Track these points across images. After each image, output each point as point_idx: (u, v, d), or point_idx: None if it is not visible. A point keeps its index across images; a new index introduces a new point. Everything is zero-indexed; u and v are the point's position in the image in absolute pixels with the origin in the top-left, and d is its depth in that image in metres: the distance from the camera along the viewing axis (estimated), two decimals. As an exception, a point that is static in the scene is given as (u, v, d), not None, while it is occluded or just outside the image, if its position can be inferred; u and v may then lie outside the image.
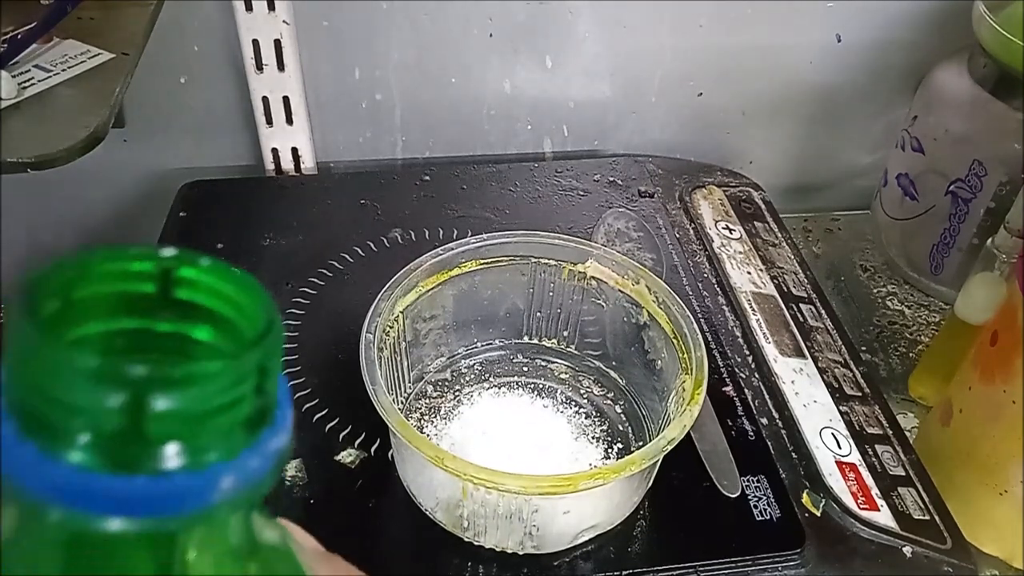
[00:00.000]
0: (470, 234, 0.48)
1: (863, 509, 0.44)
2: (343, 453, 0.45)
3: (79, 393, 0.11)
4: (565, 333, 0.51)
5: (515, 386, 0.50)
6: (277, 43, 0.61)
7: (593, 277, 0.48)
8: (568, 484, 0.37)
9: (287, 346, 0.51)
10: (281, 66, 0.62)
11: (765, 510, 0.43)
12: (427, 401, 0.48)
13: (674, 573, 0.41)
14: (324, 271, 0.55)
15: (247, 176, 0.69)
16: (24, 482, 0.12)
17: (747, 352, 0.53)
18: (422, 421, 0.47)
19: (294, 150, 0.66)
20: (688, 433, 0.39)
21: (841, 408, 0.50)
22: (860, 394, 0.51)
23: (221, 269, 0.14)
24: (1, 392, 0.12)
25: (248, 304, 0.14)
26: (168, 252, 0.14)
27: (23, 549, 0.13)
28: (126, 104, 0.58)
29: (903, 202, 0.66)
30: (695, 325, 0.43)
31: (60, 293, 0.12)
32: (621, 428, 0.48)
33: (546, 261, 0.48)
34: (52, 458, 0.11)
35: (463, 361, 0.51)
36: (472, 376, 0.50)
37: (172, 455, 0.12)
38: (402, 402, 0.47)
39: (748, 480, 0.44)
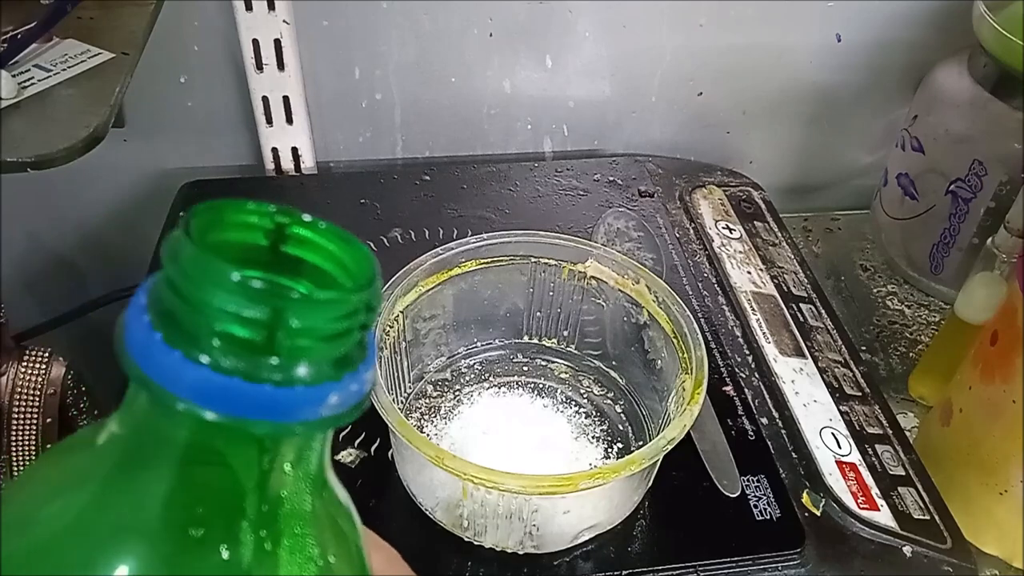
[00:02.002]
0: (470, 234, 0.48)
1: (863, 509, 0.44)
2: (343, 452, 0.45)
3: (231, 304, 0.13)
4: (565, 333, 0.51)
5: (515, 386, 0.50)
6: (277, 43, 0.61)
7: (593, 277, 0.48)
8: (568, 484, 0.37)
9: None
10: (281, 66, 0.62)
11: (765, 510, 0.43)
12: (427, 401, 0.48)
13: (674, 573, 0.41)
14: (324, 271, 0.55)
15: (247, 176, 0.69)
16: (168, 384, 0.13)
17: (747, 352, 0.53)
18: (422, 421, 0.47)
19: (294, 150, 0.66)
20: (688, 433, 0.39)
21: (841, 408, 0.50)
22: (860, 394, 0.51)
23: (331, 230, 0.15)
24: (146, 308, 0.13)
25: (352, 261, 0.15)
26: (283, 210, 0.15)
27: (138, 447, 0.14)
28: (126, 104, 0.58)
29: (903, 202, 0.66)
30: (695, 325, 0.43)
31: (199, 234, 0.14)
32: (621, 428, 0.48)
33: (546, 261, 0.48)
34: (195, 364, 0.13)
35: (463, 361, 0.50)
36: (472, 376, 0.50)
37: (294, 369, 0.13)
38: (402, 402, 0.47)
39: (748, 480, 0.44)
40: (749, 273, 0.58)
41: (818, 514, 0.44)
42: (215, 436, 0.14)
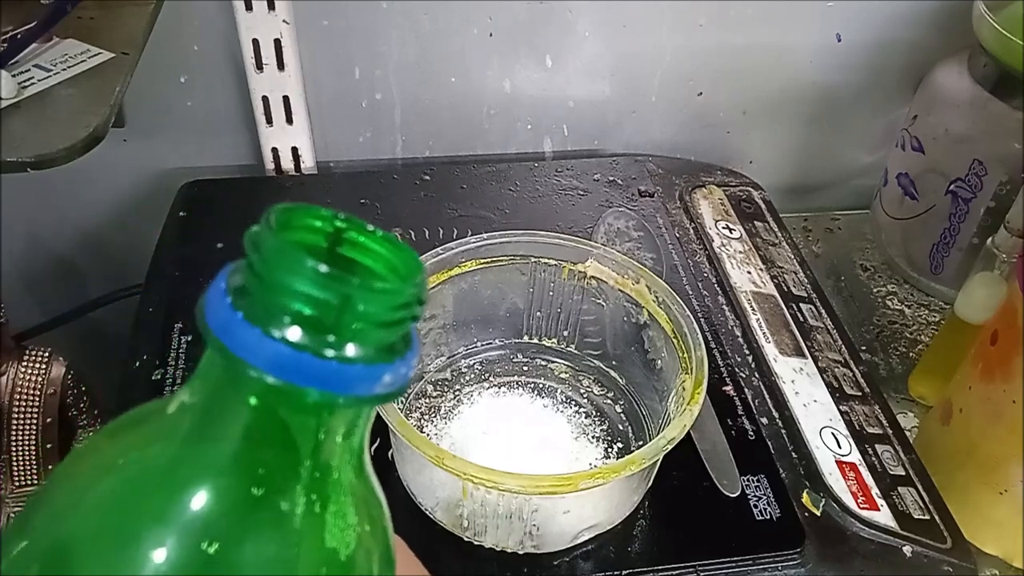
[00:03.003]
0: (470, 234, 0.48)
1: (863, 509, 0.44)
2: (343, 453, 0.45)
3: (306, 288, 0.15)
4: (565, 333, 0.51)
5: (515, 385, 0.50)
6: (277, 43, 0.61)
7: (593, 277, 0.48)
8: (568, 484, 0.37)
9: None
10: (281, 66, 0.62)
11: (765, 510, 0.43)
12: (427, 401, 0.48)
13: (674, 573, 0.41)
14: (324, 271, 0.55)
15: (247, 176, 0.69)
16: (247, 357, 0.15)
17: (747, 352, 0.53)
18: (422, 421, 0.47)
19: (294, 150, 0.66)
20: (688, 433, 0.39)
21: (841, 408, 0.50)
22: (860, 394, 0.51)
23: (385, 239, 0.17)
24: (226, 291, 0.15)
25: (402, 264, 0.17)
26: (345, 217, 0.17)
27: (209, 414, 0.16)
28: (126, 104, 0.58)
29: (903, 202, 0.66)
30: (695, 324, 0.43)
31: (274, 230, 0.16)
32: (621, 428, 0.48)
33: (546, 261, 0.48)
34: (271, 339, 0.15)
35: (463, 361, 0.51)
36: (472, 376, 0.50)
37: (355, 349, 0.16)
38: (402, 402, 0.47)
39: (748, 480, 0.44)
40: (749, 273, 0.58)
41: (818, 514, 0.44)
42: (282, 404, 0.16)
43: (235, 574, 0.15)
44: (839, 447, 0.47)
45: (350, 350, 0.15)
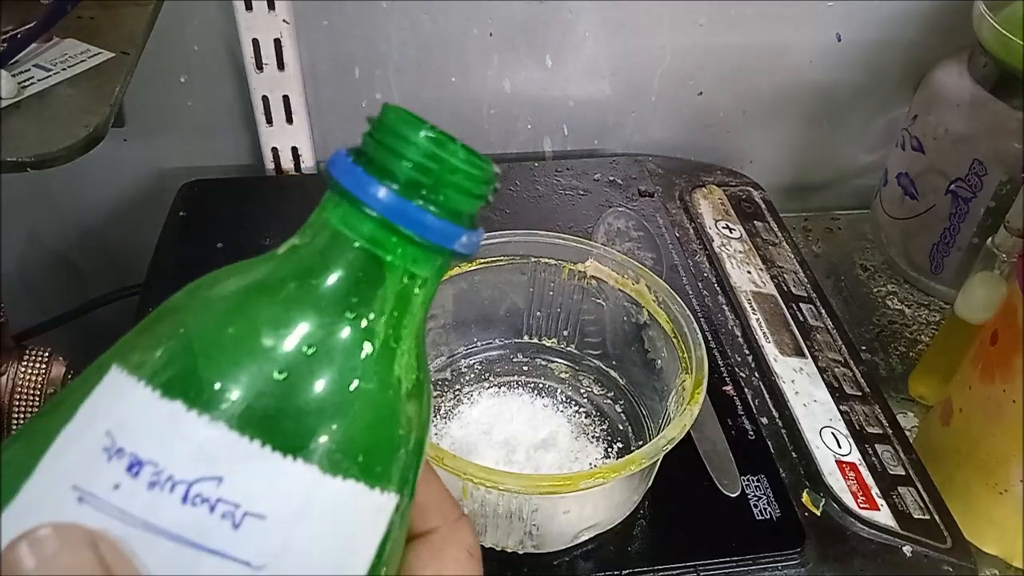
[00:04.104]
0: (470, 233, 0.48)
1: (863, 508, 0.44)
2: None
3: (417, 151, 0.19)
4: (565, 332, 0.51)
5: (515, 385, 0.50)
6: (277, 42, 0.61)
7: (593, 276, 0.48)
8: (568, 483, 0.37)
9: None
10: (281, 65, 0.62)
11: (765, 509, 0.43)
12: (427, 400, 0.48)
13: (674, 572, 0.41)
14: (324, 271, 0.55)
15: (247, 175, 0.69)
16: (362, 197, 0.19)
17: (747, 351, 0.53)
18: (422, 420, 0.47)
19: (294, 149, 0.66)
20: (688, 432, 0.39)
21: (841, 407, 0.50)
22: (860, 393, 0.51)
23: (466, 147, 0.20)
24: (348, 154, 0.19)
25: (482, 159, 0.20)
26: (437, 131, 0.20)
27: (318, 251, 0.19)
28: (126, 103, 0.58)
29: (903, 201, 0.66)
30: (695, 324, 0.43)
31: (392, 108, 0.20)
32: (621, 427, 0.48)
33: (546, 260, 0.48)
34: (386, 187, 0.19)
35: (463, 360, 0.51)
36: (472, 375, 0.50)
37: (447, 208, 0.19)
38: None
39: (748, 479, 0.44)
40: (749, 273, 0.58)
41: (818, 514, 0.44)
42: (380, 244, 0.19)
43: (325, 370, 0.18)
44: (839, 447, 0.47)
45: (443, 207, 0.19)
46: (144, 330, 0.19)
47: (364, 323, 0.19)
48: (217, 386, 0.18)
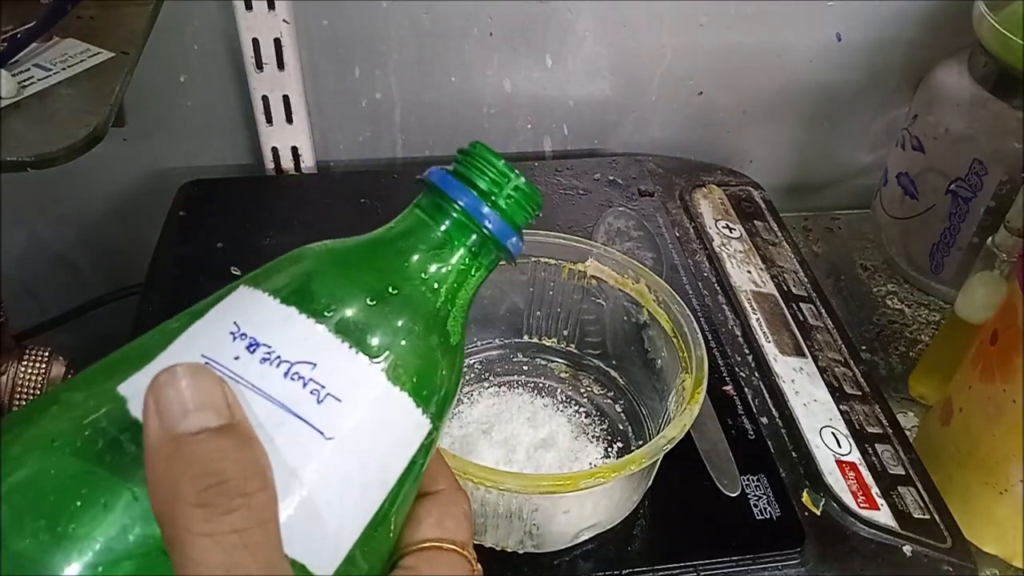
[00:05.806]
0: (470, 233, 0.48)
1: (863, 508, 0.44)
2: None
3: (494, 174, 0.26)
4: (565, 332, 0.51)
5: (515, 385, 0.50)
6: (277, 42, 0.61)
7: (593, 276, 0.48)
8: (568, 483, 0.37)
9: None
10: (281, 65, 0.62)
11: (765, 509, 0.43)
12: (427, 400, 0.48)
13: (674, 572, 0.41)
14: (324, 270, 0.55)
15: (247, 175, 0.69)
16: (451, 193, 0.25)
17: (747, 351, 0.53)
18: (422, 420, 0.47)
19: (294, 149, 0.66)
20: (688, 432, 0.39)
21: (841, 407, 0.50)
22: (860, 393, 0.51)
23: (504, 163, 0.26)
24: (445, 171, 0.26)
25: (531, 189, 0.27)
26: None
27: (408, 236, 0.26)
28: (126, 103, 0.58)
29: (903, 201, 0.66)
30: (695, 324, 0.43)
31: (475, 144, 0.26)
32: (621, 427, 0.48)
33: (546, 260, 0.48)
34: (470, 193, 0.25)
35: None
36: (472, 375, 0.50)
37: (506, 215, 0.26)
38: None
39: (748, 479, 0.44)
40: (749, 272, 0.58)
41: (818, 513, 0.44)
42: (457, 232, 0.25)
43: (401, 307, 0.24)
44: (839, 446, 0.47)
45: (506, 214, 0.26)
46: (269, 267, 0.25)
47: (435, 284, 0.25)
48: (324, 300, 0.23)
